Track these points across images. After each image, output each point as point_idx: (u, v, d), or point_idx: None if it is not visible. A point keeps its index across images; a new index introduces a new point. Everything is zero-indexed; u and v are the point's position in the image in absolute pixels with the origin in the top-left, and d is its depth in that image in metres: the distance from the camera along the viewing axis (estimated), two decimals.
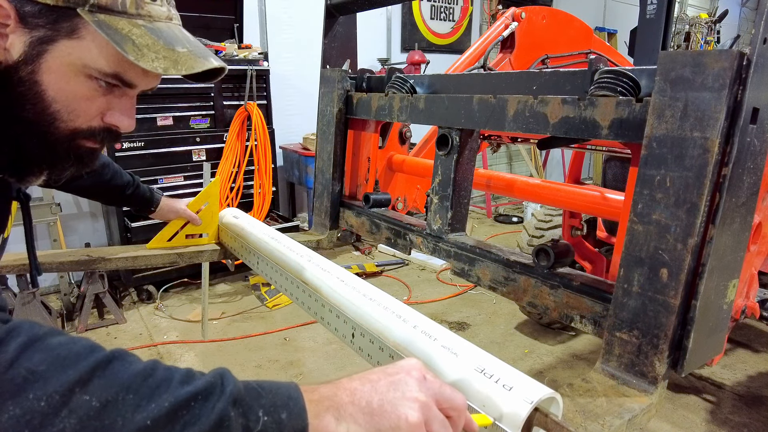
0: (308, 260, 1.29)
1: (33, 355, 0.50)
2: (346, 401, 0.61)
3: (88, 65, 0.75)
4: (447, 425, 0.64)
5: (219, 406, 0.53)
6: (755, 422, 2.65)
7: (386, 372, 0.65)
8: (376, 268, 4.53)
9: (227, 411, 0.53)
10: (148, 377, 0.53)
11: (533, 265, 1.23)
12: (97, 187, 1.57)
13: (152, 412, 0.50)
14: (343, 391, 0.62)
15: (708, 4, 10.77)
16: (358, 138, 1.91)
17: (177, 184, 4.09)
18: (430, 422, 0.62)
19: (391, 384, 0.63)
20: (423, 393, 0.63)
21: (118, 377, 0.51)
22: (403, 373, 0.65)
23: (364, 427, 0.60)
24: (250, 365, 3.09)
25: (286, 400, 0.58)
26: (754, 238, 1.33)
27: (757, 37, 0.81)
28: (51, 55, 0.73)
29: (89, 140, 0.82)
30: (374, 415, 0.60)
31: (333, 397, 0.61)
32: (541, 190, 1.71)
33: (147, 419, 0.50)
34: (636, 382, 0.95)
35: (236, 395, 0.55)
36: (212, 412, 0.53)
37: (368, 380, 0.64)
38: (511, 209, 6.88)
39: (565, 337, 3.49)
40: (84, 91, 0.77)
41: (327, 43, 1.94)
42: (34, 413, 0.46)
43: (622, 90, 1.02)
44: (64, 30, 0.73)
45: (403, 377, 0.64)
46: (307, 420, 0.57)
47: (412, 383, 0.64)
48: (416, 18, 6.26)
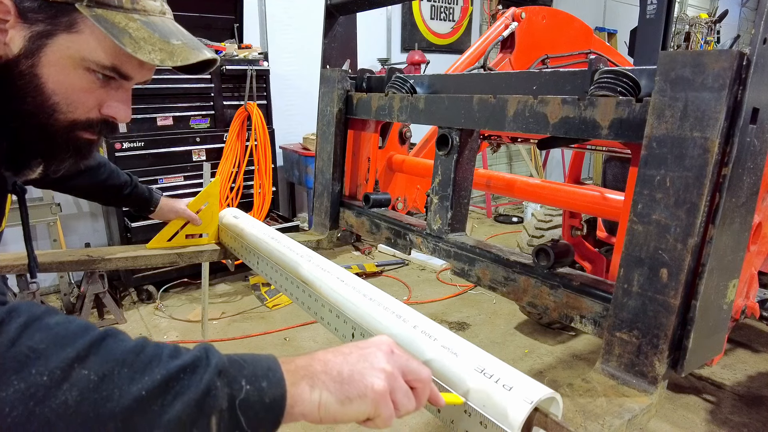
0: (308, 260, 1.29)
1: (33, 334, 0.53)
2: (320, 370, 0.66)
3: (87, 58, 0.77)
4: (411, 395, 0.70)
5: (206, 377, 0.58)
6: (755, 422, 2.65)
7: (357, 346, 0.71)
8: (376, 268, 4.53)
9: (214, 381, 0.58)
10: (140, 353, 0.57)
11: (533, 265, 1.23)
12: (94, 187, 1.56)
13: (146, 384, 0.54)
14: (317, 361, 0.67)
15: (708, 4, 10.77)
16: (358, 138, 1.91)
17: (177, 184, 4.09)
18: (394, 391, 0.68)
19: (361, 356, 0.69)
20: (390, 365, 0.69)
21: (113, 353, 0.55)
22: (373, 347, 0.71)
23: (335, 393, 0.65)
24: None
25: (266, 370, 0.63)
26: (754, 238, 1.33)
27: (757, 37, 0.81)
28: (50, 48, 0.75)
29: (87, 131, 0.84)
30: (344, 383, 0.66)
31: (308, 367, 0.66)
32: (541, 190, 1.71)
33: (142, 390, 0.54)
34: (636, 382, 0.95)
35: (221, 367, 0.60)
36: (200, 382, 0.57)
37: (340, 353, 0.70)
38: (511, 209, 6.88)
39: (565, 337, 3.49)
40: (82, 83, 0.79)
41: (327, 43, 1.94)
42: (38, 387, 0.50)
43: (622, 90, 1.02)
44: (63, 24, 0.75)
45: (373, 350, 0.70)
46: (286, 387, 0.63)
47: (381, 356, 0.69)
48: (416, 18, 6.26)
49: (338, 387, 0.66)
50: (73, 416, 0.50)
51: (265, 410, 0.60)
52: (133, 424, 0.53)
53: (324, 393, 0.65)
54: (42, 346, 0.52)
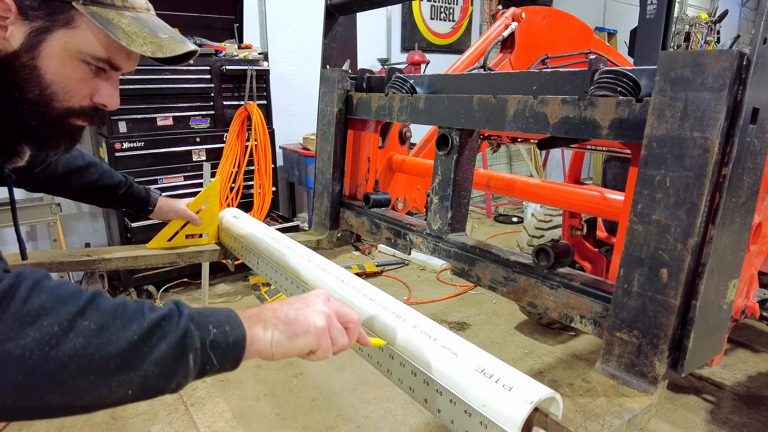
0: (308, 260, 1.29)
1: (40, 294, 0.64)
2: (270, 316, 0.81)
3: (83, 51, 0.86)
4: (344, 333, 0.86)
5: (182, 323, 0.70)
6: (755, 422, 2.65)
7: (299, 297, 0.87)
8: (376, 268, 4.53)
9: (188, 326, 0.71)
10: (126, 307, 0.69)
11: (533, 265, 1.23)
12: (86, 188, 1.54)
13: (136, 331, 0.66)
14: (267, 310, 0.82)
15: (708, 4, 10.77)
16: (358, 138, 1.91)
17: (177, 184, 4.09)
18: (331, 329, 0.84)
19: (303, 303, 0.84)
20: (327, 308, 0.85)
21: (105, 308, 0.67)
22: (312, 296, 0.87)
23: (284, 332, 0.80)
24: (250, 365, 3.09)
25: (227, 318, 0.77)
26: (754, 238, 1.33)
27: (757, 37, 0.81)
28: (49, 42, 0.83)
29: (80, 118, 0.93)
30: (291, 324, 0.81)
31: (259, 314, 0.81)
32: (541, 190, 1.71)
33: (133, 335, 0.66)
34: (636, 382, 0.95)
35: (192, 315, 0.73)
36: (178, 327, 0.70)
37: (286, 303, 0.85)
38: (511, 209, 6.88)
39: (565, 337, 3.49)
40: (78, 74, 0.87)
41: (327, 43, 1.94)
42: (51, 335, 0.61)
43: (622, 90, 1.02)
44: (61, 21, 0.83)
45: (312, 298, 0.86)
46: (245, 330, 0.77)
47: (319, 302, 0.85)
48: (416, 18, 6.26)
49: (286, 327, 0.80)
50: (81, 357, 0.62)
51: (229, 348, 0.74)
52: (129, 362, 0.65)
53: (275, 332, 0.79)
54: (49, 303, 0.63)
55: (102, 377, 0.63)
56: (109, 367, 0.64)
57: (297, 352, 0.81)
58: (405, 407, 2.68)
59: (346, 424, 2.57)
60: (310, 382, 2.92)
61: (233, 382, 2.91)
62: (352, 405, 2.72)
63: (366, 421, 2.59)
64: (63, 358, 0.61)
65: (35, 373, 0.59)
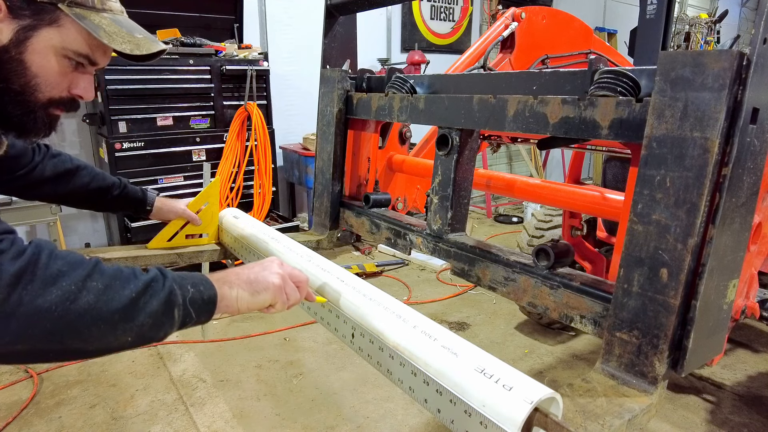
0: (308, 260, 1.29)
1: (57, 260, 0.78)
2: (233, 278, 0.98)
3: (66, 47, 0.95)
4: (296, 290, 1.04)
5: (167, 284, 0.86)
6: (755, 422, 2.65)
7: (258, 262, 1.04)
8: (376, 268, 4.53)
9: (172, 286, 0.86)
10: (122, 271, 0.84)
11: (533, 265, 1.23)
12: (77, 191, 1.50)
13: (132, 290, 0.81)
14: (230, 273, 0.99)
15: (708, 4, 10.77)
16: (358, 138, 1.91)
17: (177, 184, 4.09)
18: (286, 287, 1.02)
19: (262, 267, 1.02)
20: (281, 270, 1.03)
21: (107, 272, 0.82)
22: (268, 262, 1.04)
23: (247, 290, 0.98)
24: (250, 365, 3.09)
25: (201, 280, 0.93)
26: (754, 238, 1.33)
27: (757, 37, 0.81)
28: (35, 39, 0.92)
29: (58, 108, 1.01)
30: (252, 283, 0.98)
31: (225, 277, 0.97)
32: (541, 190, 1.71)
33: (132, 293, 0.81)
34: (636, 382, 0.95)
35: (174, 278, 0.88)
36: (164, 287, 0.85)
37: (246, 267, 1.02)
38: (511, 209, 6.88)
39: (565, 337, 3.49)
40: (59, 68, 0.96)
41: (327, 43, 1.94)
42: (69, 293, 0.76)
43: (622, 90, 1.02)
44: (47, 20, 0.92)
45: (269, 263, 1.03)
46: (216, 289, 0.93)
47: (275, 266, 1.03)
48: (416, 18, 6.26)
49: (249, 286, 0.98)
50: (93, 310, 0.77)
51: (204, 304, 0.91)
52: (129, 314, 0.81)
53: (240, 290, 0.97)
54: (65, 268, 0.77)
55: (109, 326, 0.79)
56: (114, 319, 0.79)
57: (258, 306, 1.00)
58: (405, 407, 2.68)
59: (346, 424, 2.57)
60: (310, 382, 2.92)
61: (233, 382, 2.92)
62: (352, 405, 2.72)
63: (366, 421, 2.59)
64: (79, 310, 0.76)
65: (59, 322, 0.74)
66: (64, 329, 0.75)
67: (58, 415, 2.62)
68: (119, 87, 3.70)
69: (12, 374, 2.97)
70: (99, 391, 2.82)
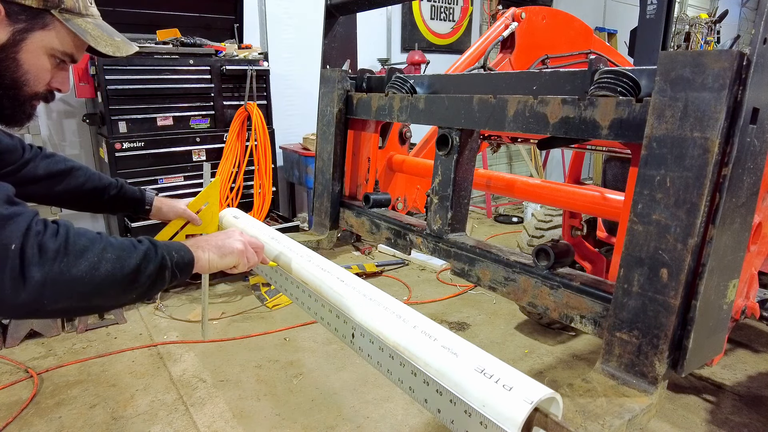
0: (308, 260, 1.29)
1: (80, 237, 0.94)
2: (204, 244, 1.19)
3: (55, 48, 1.08)
4: (254, 254, 1.27)
5: (159, 252, 1.04)
6: (755, 422, 2.65)
7: (222, 231, 1.27)
8: (376, 268, 4.53)
9: (163, 254, 1.05)
10: (124, 243, 1.01)
11: (533, 265, 1.23)
12: (72, 191, 1.49)
13: (136, 259, 0.99)
14: (201, 240, 1.21)
15: (708, 4, 10.77)
16: (358, 138, 1.91)
17: (177, 184, 4.09)
18: (246, 251, 1.24)
19: (226, 235, 1.24)
20: (242, 238, 1.25)
21: (115, 245, 0.98)
22: (231, 231, 1.27)
23: (216, 253, 1.18)
24: (250, 365, 3.09)
25: (180, 247, 1.12)
26: (754, 238, 1.34)
27: (757, 37, 0.81)
28: (29, 40, 1.04)
29: (39, 100, 1.13)
30: (220, 248, 1.20)
31: (197, 243, 1.18)
32: (541, 190, 1.71)
33: (136, 261, 0.99)
34: (636, 382, 0.95)
35: (162, 246, 1.06)
36: (158, 255, 1.04)
37: (213, 236, 1.24)
38: (511, 209, 6.89)
39: (565, 337, 3.49)
40: (46, 65, 1.09)
41: (327, 43, 1.94)
42: (93, 263, 0.93)
43: (622, 90, 1.02)
44: (40, 24, 1.04)
45: (231, 233, 1.26)
46: (192, 253, 1.13)
47: (237, 234, 1.26)
48: (416, 18, 6.27)
49: (217, 250, 1.19)
50: (111, 276, 0.95)
51: (186, 266, 1.12)
52: (136, 278, 0.99)
53: (210, 254, 1.17)
54: (87, 243, 0.94)
55: (122, 288, 0.98)
56: (125, 282, 0.98)
57: (225, 266, 1.21)
58: (405, 407, 2.68)
59: (346, 424, 2.57)
60: (310, 382, 2.92)
61: (233, 382, 2.92)
62: (352, 405, 2.72)
63: (366, 421, 2.59)
64: (102, 276, 0.94)
65: (88, 286, 0.92)
66: (92, 291, 0.93)
67: (58, 415, 2.62)
68: (119, 87, 3.70)
69: (12, 374, 2.97)
70: (99, 391, 2.82)
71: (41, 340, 3.36)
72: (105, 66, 3.60)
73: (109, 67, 3.63)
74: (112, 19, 1.24)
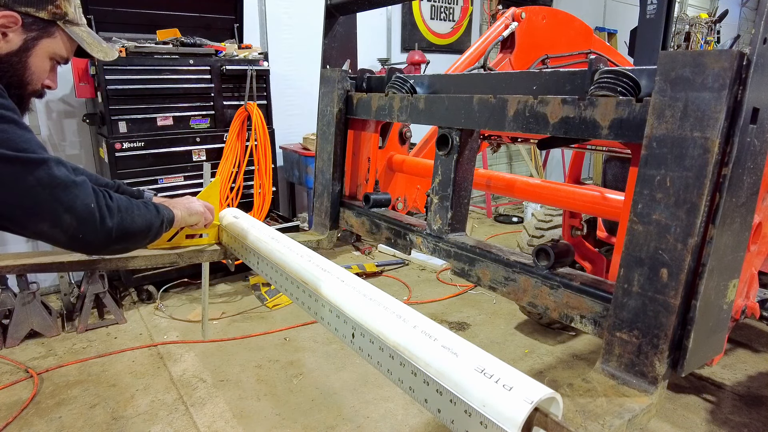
0: (308, 260, 1.29)
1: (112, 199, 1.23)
2: (176, 204, 1.52)
3: (56, 53, 1.27)
4: (209, 216, 1.64)
5: (160, 210, 1.40)
6: (755, 422, 2.65)
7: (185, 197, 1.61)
8: (376, 268, 4.53)
9: (163, 212, 1.40)
10: (141, 203, 1.33)
11: (533, 265, 1.23)
12: None
13: (152, 216, 1.35)
14: (173, 202, 1.54)
15: (708, 4, 10.77)
16: (358, 138, 1.91)
17: (177, 184, 4.09)
18: (204, 212, 1.61)
19: (188, 201, 1.58)
20: (201, 202, 1.61)
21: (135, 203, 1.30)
22: (192, 198, 1.62)
23: (185, 212, 1.53)
24: (250, 365, 3.09)
25: (165, 207, 1.44)
26: (754, 238, 1.34)
27: (757, 37, 0.81)
28: (38, 47, 1.23)
29: (35, 96, 1.30)
30: (188, 208, 1.54)
31: (173, 203, 1.52)
32: (541, 190, 1.71)
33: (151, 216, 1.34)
34: (636, 382, 0.95)
35: (159, 207, 1.40)
36: (159, 213, 1.38)
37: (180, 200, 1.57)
38: (511, 209, 6.89)
39: (565, 337, 3.49)
40: (47, 67, 1.27)
41: (327, 43, 1.94)
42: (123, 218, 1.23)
43: (622, 90, 1.02)
44: (47, 33, 1.23)
45: (192, 198, 1.61)
46: (173, 211, 1.48)
47: (195, 199, 1.62)
48: (416, 18, 6.26)
49: (186, 209, 1.53)
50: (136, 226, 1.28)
51: (170, 221, 1.46)
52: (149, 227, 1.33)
53: (182, 213, 1.51)
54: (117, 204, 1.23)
55: (143, 236, 1.32)
56: (145, 231, 1.32)
57: (190, 223, 1.57)
58: (405, 407, 2.69)
59: (346, 424, 2.57)
60: (310, 382, 2.92)
61: (233, 382, 2.92)
62: (352, 405, 2.72)
63: (366, 421, 2.59)
64: (130, 226, 1.25)
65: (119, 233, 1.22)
66: (123, 236, 1.24)
67: (58, 415, 2.62)
68: (119, 87, 3.70)
69: (12, 374, 2.97)
70: (99, 391, 2.82)
71: (41, 340, 3.36)
72: (105, 66, 3.60)
73: (109, 67, 3.62)
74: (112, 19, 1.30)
